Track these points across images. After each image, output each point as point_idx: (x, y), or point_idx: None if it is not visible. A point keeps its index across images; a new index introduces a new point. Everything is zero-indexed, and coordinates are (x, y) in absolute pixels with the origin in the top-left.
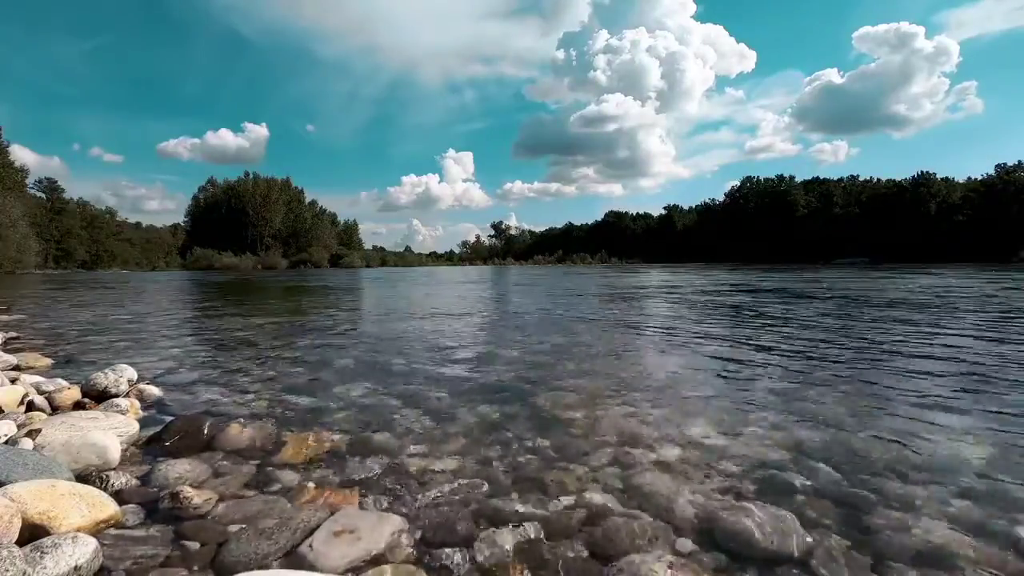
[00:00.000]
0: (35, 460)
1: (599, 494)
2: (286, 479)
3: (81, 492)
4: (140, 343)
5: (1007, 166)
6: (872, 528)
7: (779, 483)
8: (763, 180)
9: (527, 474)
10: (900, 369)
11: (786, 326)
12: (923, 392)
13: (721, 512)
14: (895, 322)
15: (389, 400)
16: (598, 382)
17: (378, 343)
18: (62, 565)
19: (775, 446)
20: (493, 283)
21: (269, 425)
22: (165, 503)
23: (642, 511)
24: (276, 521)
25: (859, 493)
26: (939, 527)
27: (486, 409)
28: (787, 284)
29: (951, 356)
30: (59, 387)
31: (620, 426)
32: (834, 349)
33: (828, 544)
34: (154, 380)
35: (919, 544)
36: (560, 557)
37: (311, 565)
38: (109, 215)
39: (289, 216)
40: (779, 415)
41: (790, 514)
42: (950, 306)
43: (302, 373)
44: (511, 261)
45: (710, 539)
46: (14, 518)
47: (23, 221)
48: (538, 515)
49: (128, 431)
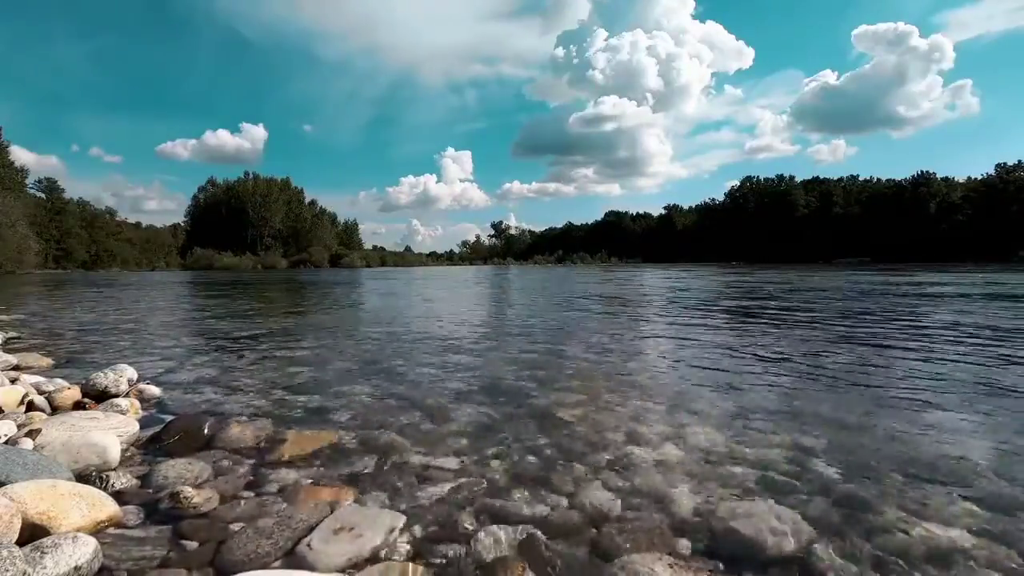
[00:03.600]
0: (35, 460)
1: (599, 493)
2: (286, 478)
3: (81, 492)
4: (140, 343)
5: (1007, 166)
6: (873, 528)
7: (779, 483)
8: (763, 180)
9: (527, 473)
10: (901, 369)
11: (786, 326)
12: (924, 392)
13: (721, 512)
14: (895, 322)
15: (389, 399)
16: (598, 382)
17: (378, 343)
18: (62, 565)
19: (775, 446)
20: (493, 283)
21: (269, 424)
22: (165, 503)
23: (642, 511)
24: (276, 520)
25: (860, 493)
26: (941, 527)
27: (486, 408)
28: (787, 284)
29: (951, 356)
30: (59, 387)
31: (620, 426)
32: (835, 349)
33: (829, 545)
34: (154, 380)
35: (920, 545)
36: (560, 556)
37: (311, 564)
38: (109, 215)
39: (289, 216)
40: (779, 415)
41: (791, 514)
42: (950, 306)
43: (302, 372)
44: (511, 261)
45: (710, 539)
46: (14, 518)
47: (23, 221)
48: (538, 514)
49: (128, 431)
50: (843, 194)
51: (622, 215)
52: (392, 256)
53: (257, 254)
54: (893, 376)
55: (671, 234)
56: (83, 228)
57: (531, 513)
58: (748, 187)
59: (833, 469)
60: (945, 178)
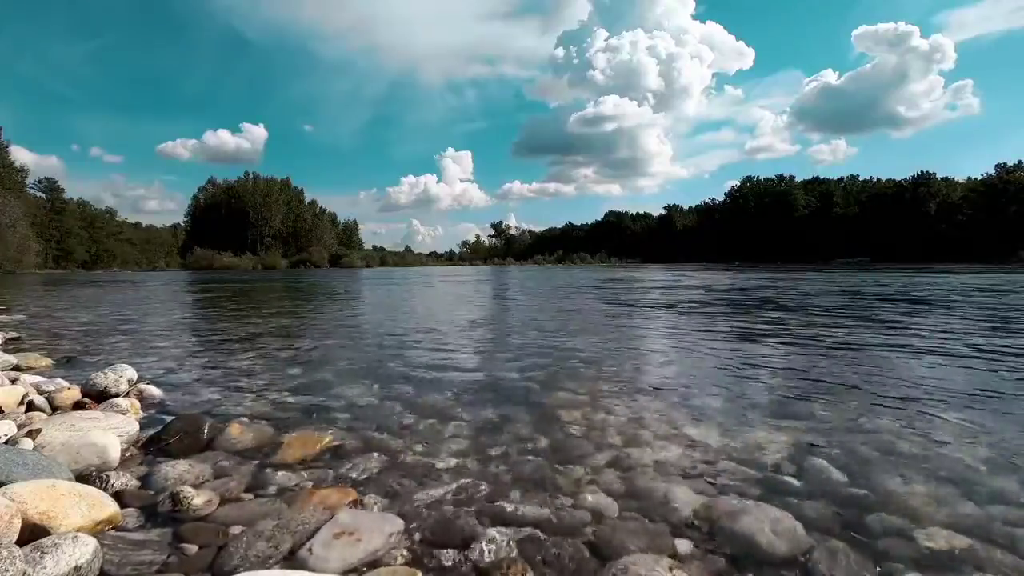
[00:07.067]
0: (35, 460)
1: (599, 495)
2: (286, 480)
3: (81, 492)
4: (140, 343)
5: (1007, 166)
6: (873, 529)
7: (779, 484)
8: (763, 180)
9: (527, 474)
10: (901, 369)
11: (786, 327)
12: (924, 392)
13: (721, 513)
14: (895, 322)
15: (389, 400)
16: (598, 383)
17: (378, 343)
18: (62, 565)
19: (776, 446)
20: (493, 283)
21: (269, 426)
22: (165, 504)
23: (642, 511)
24: (276, 523)
25: (860, 494)
26: (940, 528)
27: (486, 409)
28: (787, 285)
29: (952, 356)
30: (59, 387)
31: (620, 427)
32: (835, 349)
33: (828, 545)
34: (154, 380)
35: (920, 545)
36: (560, 557)
37: (311, 568)
38: (109, 215)
39: (289, 216)
40: (779, 415)
41: (790, 515)
42: (950, 306)
43: (302, 373)
44: (511, 261)
45: (710, 540)
46: (14, 518)
47: (23, 221)
48: (539, 515)
49: (128, 431)
50: (843, 194)
51: (622, 215)
52: (392, 256)
53: (257, 254)
54: (893, 376)
55: (671, 234)
56: (83, 228)
57: (531, 515)
58: (748, 187)
59: (834, 469)
60: (945, 178)
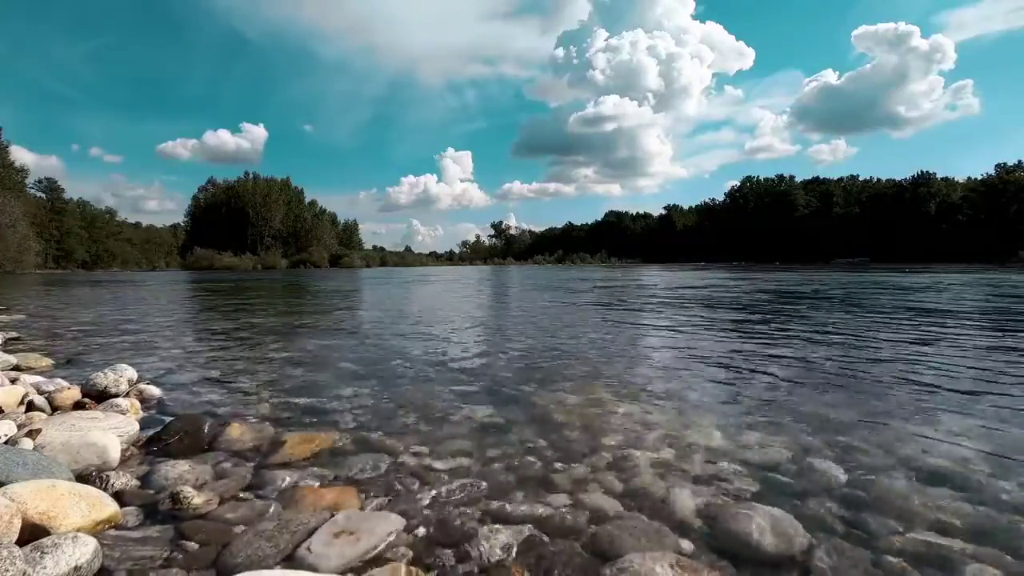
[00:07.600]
0: (35, 460)
1: (599, 494)
2: (286, 480)
3: (81, 492)
4: (140, 343)
5: (1007, 166)
6: (873, 529)
7: (779, 484)
8: (763, 180)
9: (527, 474)
10: (901, 369)
11: (786, 327)
12: (924, 392)
13: (721, 513)
14: (894, 323)
15: (389, 400)
16: (598, 383)
17: (378, 343)
18: (62, 565)
19: (775, 447)
20: (493, 283)
21: (269, 425)
22: (165, 504)
23: (642, 512)
24: (276, 523)
25: (860, 494)
26: (940, 528)
27: (486, 409)
28: (787, 285)
29: (952, 356)
30: (59, 387)
31: (620, 427)
32: (834, 349)
33: (828, 545)
34: (154, 380)
35: (920, 545)
36: (560, 557)
37: (311, 567)
38: (109, 215)
39: (289, 216)
40: (779, 416)
41: (790, 515)
42: (950, 306)
43: (302, 373)
44: (511, 261)
45: (711, 540)
46: (14, 518)
47: (23, 221)
48: (538, 515)
49: (128, 431)
50: (843, 194)
51: (622, 215)
52: (392, 256)
53: (257, 254)
54: (893, 375)
55: (671, 234)
56: (83, 228)
57: (531, 514)
58: (748, 187)
59: (834, 469)
60: (945, 178)
